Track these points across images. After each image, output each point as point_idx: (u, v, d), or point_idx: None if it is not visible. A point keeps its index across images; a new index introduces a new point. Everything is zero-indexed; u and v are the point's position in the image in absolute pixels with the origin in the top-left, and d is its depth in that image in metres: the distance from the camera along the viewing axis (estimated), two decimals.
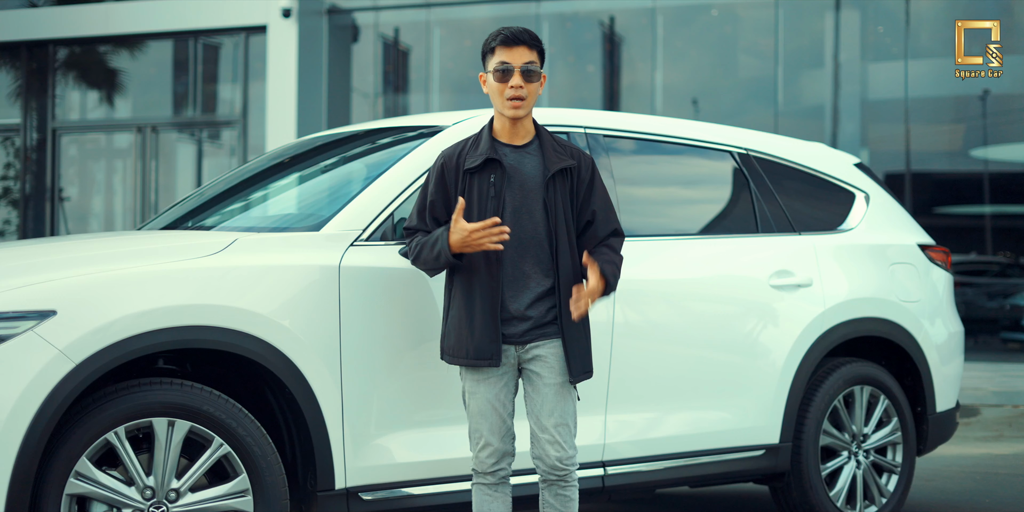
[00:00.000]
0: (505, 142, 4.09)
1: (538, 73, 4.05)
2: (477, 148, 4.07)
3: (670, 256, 5.06)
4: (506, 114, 4.05)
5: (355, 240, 4.26)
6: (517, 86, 4.01)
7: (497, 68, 4.03)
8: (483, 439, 4.08)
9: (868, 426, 5.56)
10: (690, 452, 4.98)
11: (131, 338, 3.76)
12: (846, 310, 5.45)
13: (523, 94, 4.02)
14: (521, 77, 4.02)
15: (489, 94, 4.10)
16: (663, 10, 14.48)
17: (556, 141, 4.12)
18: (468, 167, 4.04)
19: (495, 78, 4.04)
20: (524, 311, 4.02)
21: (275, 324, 4.00)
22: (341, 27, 15.34)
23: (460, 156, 4.09)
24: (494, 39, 4.08)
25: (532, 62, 4.05)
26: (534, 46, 4.07)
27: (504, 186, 4.02)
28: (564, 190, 4.04)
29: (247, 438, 3.94)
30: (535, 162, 4.06)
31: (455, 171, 4.07)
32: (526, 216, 4.02)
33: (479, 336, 4.00)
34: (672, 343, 4.95)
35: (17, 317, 3.64)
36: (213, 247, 4.10)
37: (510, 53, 4.04)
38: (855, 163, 6.05)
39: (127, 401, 3.80)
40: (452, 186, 4.07)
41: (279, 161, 5.42)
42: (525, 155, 4.08)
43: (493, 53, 4.08)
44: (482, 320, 3.99)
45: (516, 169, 4.05)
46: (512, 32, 4.06)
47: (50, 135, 15.90)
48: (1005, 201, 14.19)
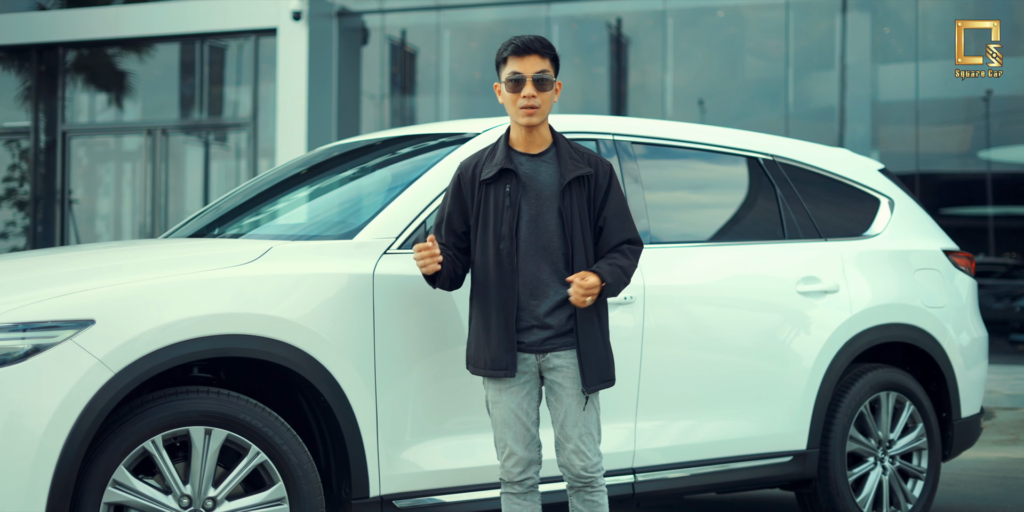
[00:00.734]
0: (522, 151, 4.10)
1: (551, 81, 4.05)
2: (493, 158, 4.09)
3: (698, 262, 5.07)
4: (520, 123, 4.06)
5: (388, 248, 4.27)
6: (529, 96, 4.02)
7: (509, 78, 4.04)
8: (507, 448, 4.09)
9: (894, 432, 5.56)
10: (719, 459, 4.99)
11: (169, 347, 3.76)
12: (872, 316, 5.45)
13: (536, 103, 4.02)
14: (533, 86, 4.02)
15: (504, 103, 4.11)
16: (673, 12, 14.48)
17: (574, 148, 4.12)
18: (484, 178, 4.06)
19: (508, 88, 4.05)
20: (543, 319, 4.03)
21: (311, 333, 4.01)
22: (351, 30, 15.34)
23: (477, 167, 4.11)
24: (506, 49, 4.09)
25: (544, 71, 4.05)
26: (546, 54, 4.07)
27: (520, 196, 4.03)
28: (581, 198, 4.04)
29: (283, 447, 3.95)
30: (551, 170, 4.07)
31: (471, 182, 4.09)
32: (542, 225, 4.03)
33: (495, 346, 4.02)
34: (701, 349, 4.96)
35: (56, 326, 3.65)
36: (249, 255, 4.10)
37: (521, 63, 4.05)
38: (879, 169, 6.05)
39: (164, 410, 3.81)
40: (468, 197, 4.09)
41: (305, 169, 5.42)
42: (541, 164, 4.08)
43: (506, 63, 4.09)
44: (498, 330, 4.01)
45: (532, 178, 4.05)
46: (523, 41, 4.07)
47: (60, 137, 15.90)
48: (1016, 202, 14.18)
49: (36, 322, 3.63)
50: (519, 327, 4.03)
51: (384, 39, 15.58)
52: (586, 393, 4.02)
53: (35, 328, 3.63)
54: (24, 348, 3.61)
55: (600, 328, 4.06)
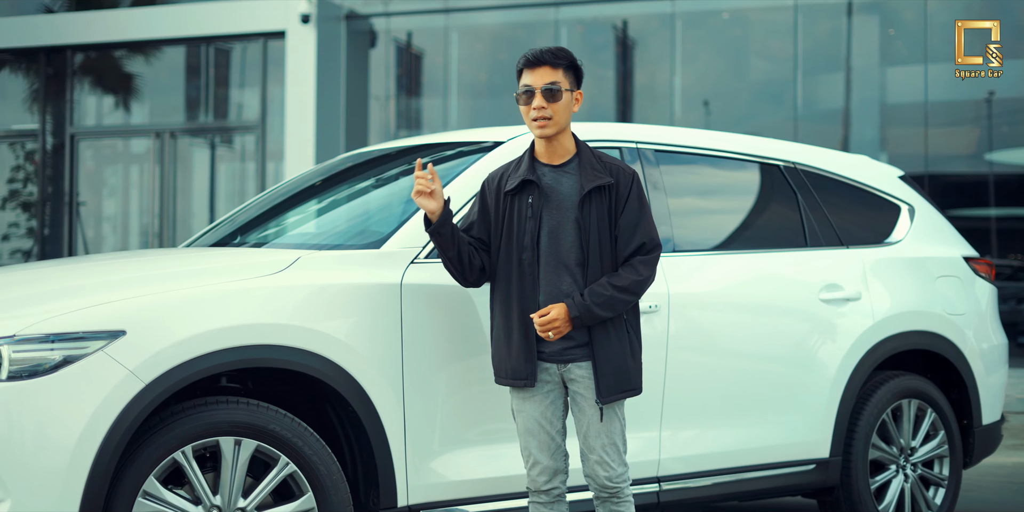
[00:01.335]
0: (545, 162, 4.11)
1: (560, 92, 4.03)
2: (518, 170, 4.11)
3: (721, 270, 5.07)
4: (535, 134, 4.08)
5: (415, 258, 4.27)
6: (539, 107, 4.03)
7: (521, 91, 4.07)
8: (532, 457, 4.09)
9: (916, 440, 5.56)
10: (743, 467, 4.99)
11: (200, 357, 3.76)
12: (894, 323, 5.45)
13: (547, 114, 4.02)
14: (543, 98, 4.03)
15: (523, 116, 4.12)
16: (682, 15, 14.48)
17: (596, 158, 4.11)
18: (507, 189, 4.07)
19: (520, 100, 4.08)
20: None
21: (340, 343, 4.01)
22: (359, 32, 15.33)
23: (502, 179, 4.13)
24: (519, 62, 4.12)
25: (555, 82, 4.04)
26: (558, 65, 4.06)
27: (541, 206, 4.03)
28: (601, 208, 4.03)
29: (313, 457, 3.94)
30: (572, 181, 4.07)
31: (496, 194, 4.11)
32: (562, 235, 4.03)
33: (516, 356, 4.03)
34: (725, 357, 4.96)
35: (87, 337, 3.65)
36: (278, 265, 4.10)
37: (532, 74, 4.07)
38: (899, 175, 6.05)
39: (194, 420, 3.81)
40: (492, 209, 4.10)
41: (328, 177, 5.42)
42: (563, 174, 4.08)
43: (520, 75, 4.11)
44: (519, 340, 4.02)
45: (553, 189, 4.06)
46: (534, 53, 4.08)
47: (68, 140, 15.90)
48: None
49: (67, 333, 3.63)
50: (539, 337, 4.03)
51: (392, 42, 15.58)
52: (600, 404, 4.01)
53: (66, 339, 3.62)
54: (55, 359, 3.60)
55: (618, 337, 4.04)
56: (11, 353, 3.58)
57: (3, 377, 3.57)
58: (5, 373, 3.57)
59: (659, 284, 4.68)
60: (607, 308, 3.96)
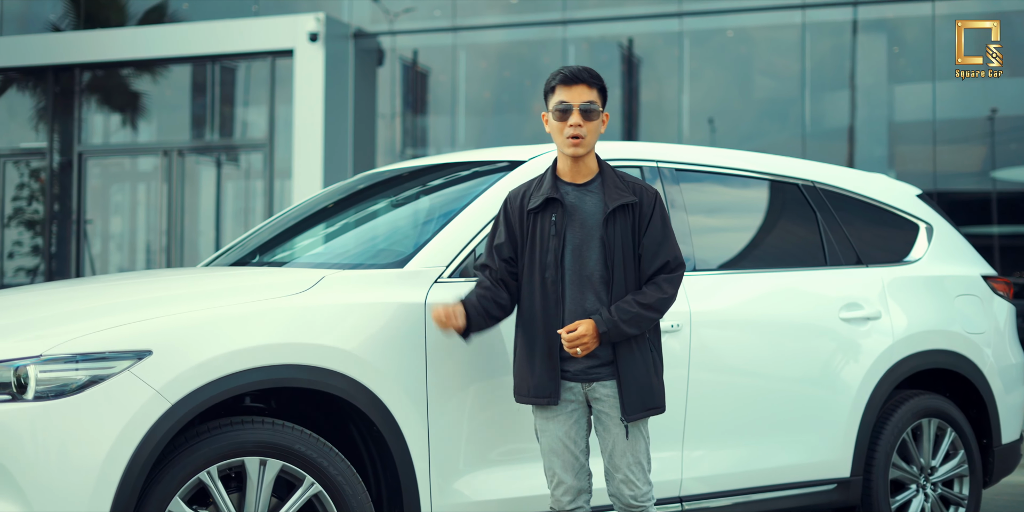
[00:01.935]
0: (568, 181, 4.11)
1: (597, 111, 4.06)
2: (541, 188, 4.10)
3: (742, 289, 5.06)
4: (566, 152, 4.07)
5: (439, 277, 4.26)
6: (576, 125, 4.03)
7: (557, 107, 4.05)
8: (556, 477, 4.08)
9: (936, 459, 5.54)
10: (764, 487, 4.97)
11: (227, 377, 3.75)
12: (914, 343, 5.44)
13: (582, 132, 4.03)
14: (580, 116, 4.03)
15: (551, 133, 4.11)
16: (689, 33, 14.50)
17: (619, 177, 4.12)
18: (531, 207, 4.07)
19: (555, 117, 4.06)
20: None
21: (365, 363, 4.00)
22: (367, 51, 15.36)
23: (524, 197, 4.13)
24: (554, 78, 4.11)
25: (592, 101, 4.06)
26: (594, 84, 4.09)
27: (565, 225, 4.03)
28: (625, 226, 4.03)
29: (338, 477, 3.93)
30: (596, 199, 4.07)
31: (519, 212, 4.11)
32: (586, 253, 4.03)
33: (539, 374, 4.02)
34: (747, 376, 4.95)
35: (114, 357, 3.64)
36: (303, 284, 4.09)
37: (569, 92, 4.06)
38: (917, 194, 6.05)
39: (220, 440, 3.79)
40: (516, 226, 4.10)
41: (346, 196, 5.41)
42: (587, 193, 4.09)
43: (553, 92, 4.10)
44: (542, 358, 4.02)
45: (577, 207, 4.06)
46: (571, 71, 4.08)
47: (76, 158, 15.91)
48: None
49: (93, 353, 3.63)
50: (563, 355, 4.03)
51: (400, 60, 15.60)
52: (625, 421, 4.00)
53: (92, 359, 3.62)
54: (81, 379, 3.60)
55: (642, 356, 4.04)
56: (38, 373, 3.57)
57: (29, 397, 3.56)
58: (32, 393, 3.56)
59: (680, 303, 4.67)
60: (633, 325, 3.96)
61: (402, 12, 15.39)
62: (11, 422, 3.54)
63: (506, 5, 15.57)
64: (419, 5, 15.57)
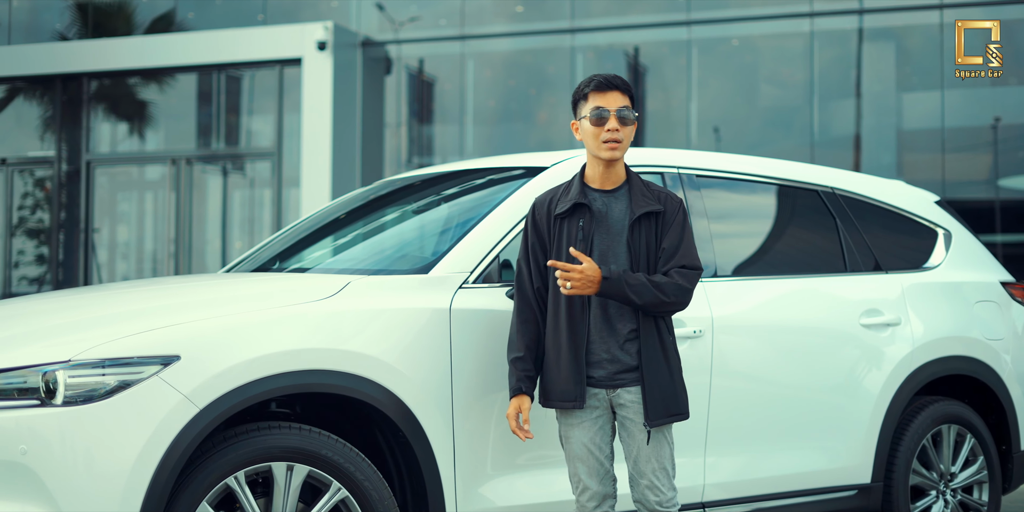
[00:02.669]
0: (596, 188, 4.13)
1: (632, 118, 4.08)
2: (568, 194, 4.12)
3: (763, 295, 5.06)
4: (602, 156, 4.07)
5: (463, 283, 4.26)
6: (613, 129, 4.05)
7: (593, 112, 4.07)
8: (581, 483, 4.09)
9: (955, 465, 5.54)
10: (786, 493, 4.97)
11: (255, 382, 3.75)
12: (934, 349, 5.44)
13: (619, 137, 4.06)
14: (617, 120, 4.05)
15: (583, 139, 4.13)
16: (697, 42, 14.53)
17: (646, 186, 4.15)
18: (558, 212, 4.08)
19: (591, 122, 4.08)
20: (613, 353, 4.03)
21: (391, 368, 4.00)
22: (375, 59, 15.39)
23: (552, 202, 4.15)
24: (587, 85, 4.13)
25: (626, 107, 4.09)
26: (626, 91, 4.12)
27: (592, 230, 4.05)
28: (650, 233, 4.06)
29: (365, 483, 3.93)
30: (622, 206, 4.09)
31: (546, 217, 4.13)
32: (612, 259, 4.05)
33: (564, 378, 4.03)
34: (768, 383, 4.95)
35: (142, 362, 3.64)
36: (328, 290, 4.10)
37: (604, 98, 4.09)
38: (935, 200, 6.06)
39: (247, 446, 3.79)
40: (544, 231, 4.12)
41: (366, 202, 5.42)
42: (614, 200, 4.11)
43: (586, 99, 4.12)
44: (568, 362, 4.02)
45: (604, 213, 4.08)
46: (605, 78, 4.12)
47: (84, 167, 15.93)
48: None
49: (122, 358, 3.62)
50: (589, 361, 4.04)
51: (408, 69, 15.63)
52: (648, 427, 4.00)
53: (120, 364, 3.62)
54: (110, 384, 3.60)
55: (667, 363, 4.05)
56: (67, 378, 3.57)
57: (58, 402, 3.57)
58: (61, 398, 3.57)
59: (702, 309, 4.68)
60: (636, 292, 3.94)
61: (407, 21, 15.42)
62: (40, 427, 3.54)
63: (514, 14, 15.60)
64: (425, 14, 15.61)
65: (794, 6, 14.19)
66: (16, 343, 3.76)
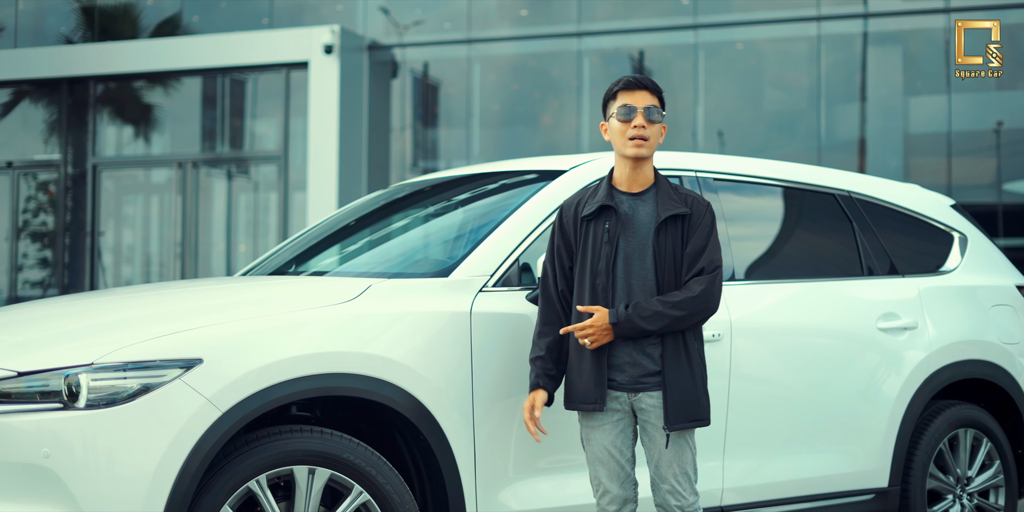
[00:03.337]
0: (623, 190, 4.12)
1: (660, 118, 4.08)
2: (595, 196, 4.12)
3: (780, 298, 5.05)
4: (627, 154, 4.07)
5: (483, 286, 4.26)
6: (640, 126, 4.05)
7: (620, 110, 4.07)
8: (602, 486, 4.08)
9: (972, 469, 5.53)
10: (804, 497, 4.96)
11: (277, 385, 3.75)
12: (951, 353, 5.43)
13: (646, 134, 4.05)
14: (644, 118, 4.04)
15: (611, 139, 4.13)
16: (704, 46, 14.53)
17: (673, 188, 4.14)
18: (585, 214, 4.08)
19: (618, 120, 4.07)
20: (634, 357, 4.02)
21: (412, 371, 3.99)
22: (381, 63, 15.39)
23: (579, 205, 4.14)
24: (617, 84, 4.14)
25: (655, 106, 4.09)
26: (656, 92, 4.13)
27: (618, 232, 4.04)
28: (676, 236, 4.05)
29: (386, 486, 3.92)
30: (649, 209, 4.09)
31: (573, 219, 4.13)
32: (637, 262, 4.04)
33: (586, 380, 4.02)
34: (787, 386, 4.94)
35: (165, 365, 3.64)
36: (349, 293, 4.09)
37: (632, 96, 4.09)
38: (951, 204, 6.05)
39: (269, 449, 3.79)
40: (571, 233, 4.12)
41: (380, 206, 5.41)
42: (641, 202, 4.10)
43: (615, 98, 4.12)
44: (590, 364, 4.02)
45: (630, 216, 4.07)
46: (635, 77, 4.14)
47: (90, 170, 15.93)
48: None
49: (144, 361, 3.62)
50: (612, 363, 4.03)
51: (414, 72, 15.63)
52: (667, 430, 3.99)
53: (143, 367, 3.62)
54: (133, 387, 3.59)
55: (690, 368, 4.03)
56: (90, 381, 3.57)
57: (81, 405, 3.56)
58: (83, 401, 3.56)
59: (720, 312, 4.66)
60: (651, 322, 3.94)
61: (412, 24, 15.42)
62: (63, 430, 3.53)
63: (521, 17, 15.60)
64: (430, 17, 15.61)
65: (800, 10, 14.20)
66: (35, 347, 3.75)
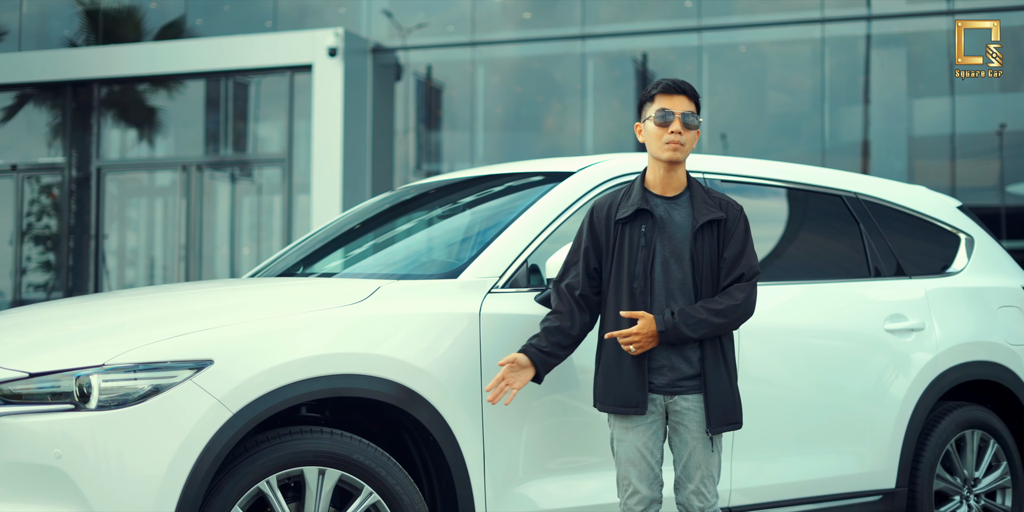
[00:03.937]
0: (657, 194, 4.13)
1: (696, 124, 4.09)
2: (629, 199, 4.12)
3: (788, 300, 5.06)
4: (663, 157, 4.07)
5: (492, 287, 4.27)
6: (677, 131, 4.05)
7: (658, 114, 4.07)
8: (631, 486, 4.08)
9: (979, 470, 5.53)
10: (811, 498, 4.97)
11: (287, 386, 3.76)
12: (958, 354, 5.44)
13: (682, 140, 4.06)
14: (681, 123, 4.05)
15: (646, 141, 4.13)
16: (708, 48, 14.54)
17: (707, 192, 4.15)
18: (620, 217, 4.08)
19: (655, 124, 4.08)
20: (672, 361, 4.03)
21: (422, 372, 4.00)
22: (385, 66, 15.40)
23: (612, 207, 4.14)
24: (655, 88, 4.14)
25: (692, 112, 4.10)
26: (693, 97, 4.13)
27: (655, 236, 4.05)
28: (712, 241, 4.07)
29: (396, 487, 3.93)
30: (685, 213, 4.09)
31: (605, 221, 4.12)
32: (675, 265, 4.05)
33: (627, 383, 4.03)
34: (794, 388, 4.95)
35: (176, 366, 3.65)
36: (359, 294, 4.10)
37: (670, 100, 4.09)
38: (957, 206, 6.06)
39: (279, 450, 3.79)
40: (602, 236, 4.11)
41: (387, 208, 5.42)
42: (675, 206, 4.11)
43: (652, 101, 4.13)
44: (630, 367, 4.02)
45: (665, 220, 4.08)
46: (673, 81, 4.13)
47: (94, 173, 15.95)
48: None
49: (155, 362, 3.63)
50: (650, 366, 4.04)
51: (418, 75, 15.64)
52: (710, 434, 4.02)
53: (154, 368, 3.63)
54: (144, 388, 3.60)
55: (727, 371, 4.07)
56: (101, 382, 3.58)
57: (92, 406, 3.57)
58: (95, 402, 3.57)
59: None
60: (697, 329, 3.97)
61: (415, 27, 15.44)
62: (74, 431, 3.54)
63: (524, 20, 15.62)
64: (433, 20, 15.63)
65: (804, 12, 14.21)
66: (46, 348, 3.77)
